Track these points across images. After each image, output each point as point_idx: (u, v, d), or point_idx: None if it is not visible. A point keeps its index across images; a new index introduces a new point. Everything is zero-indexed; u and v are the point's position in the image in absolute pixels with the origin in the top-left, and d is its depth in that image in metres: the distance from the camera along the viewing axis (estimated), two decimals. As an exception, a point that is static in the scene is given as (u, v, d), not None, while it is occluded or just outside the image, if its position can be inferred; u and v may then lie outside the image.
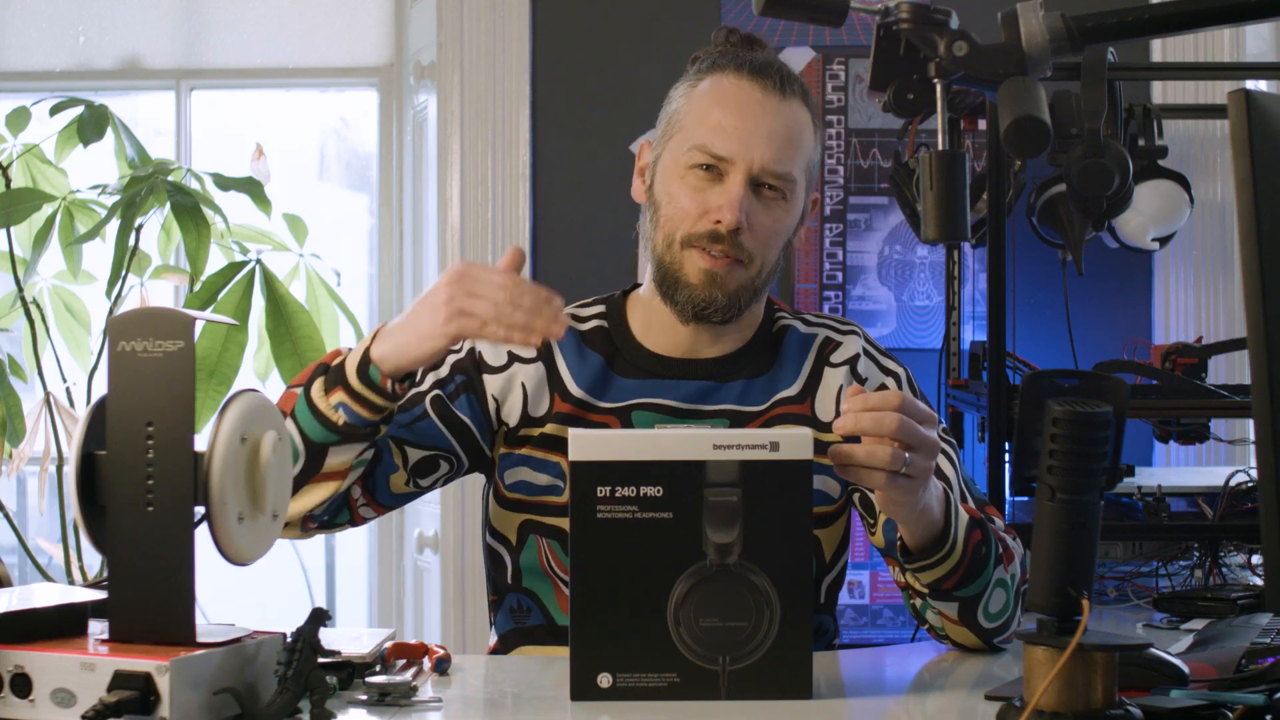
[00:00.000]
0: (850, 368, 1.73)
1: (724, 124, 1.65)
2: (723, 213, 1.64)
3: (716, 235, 1.65)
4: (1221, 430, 2.63)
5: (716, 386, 1.71)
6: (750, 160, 1.64)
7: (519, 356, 1.72)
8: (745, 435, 1.36)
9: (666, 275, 1.69)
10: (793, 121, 1.67)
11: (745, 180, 1.64)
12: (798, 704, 1.36)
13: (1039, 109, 1.32)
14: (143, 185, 2.94)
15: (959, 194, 1.38)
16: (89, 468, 1.24)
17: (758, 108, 1.65)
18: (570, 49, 3.50)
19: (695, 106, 1.69)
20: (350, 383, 1.55)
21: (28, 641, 1.21)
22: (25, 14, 3.83)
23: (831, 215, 3.42)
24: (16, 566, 3.56)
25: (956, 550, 1.52)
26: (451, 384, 1.71)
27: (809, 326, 1.78)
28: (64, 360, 3.22)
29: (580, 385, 1.71)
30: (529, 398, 1.70)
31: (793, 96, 1.68)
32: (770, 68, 1.68)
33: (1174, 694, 1.24)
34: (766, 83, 1.66)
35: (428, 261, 3.68)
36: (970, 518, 1.55)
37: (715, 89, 1.68)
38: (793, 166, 1.66)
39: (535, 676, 1.52)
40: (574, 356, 1.73)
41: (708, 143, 1.65)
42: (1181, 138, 3.33)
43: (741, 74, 1.67)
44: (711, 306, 1.67)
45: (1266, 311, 1.20)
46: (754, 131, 1.64)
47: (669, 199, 1.69)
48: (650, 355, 1.73)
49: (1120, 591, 2.08)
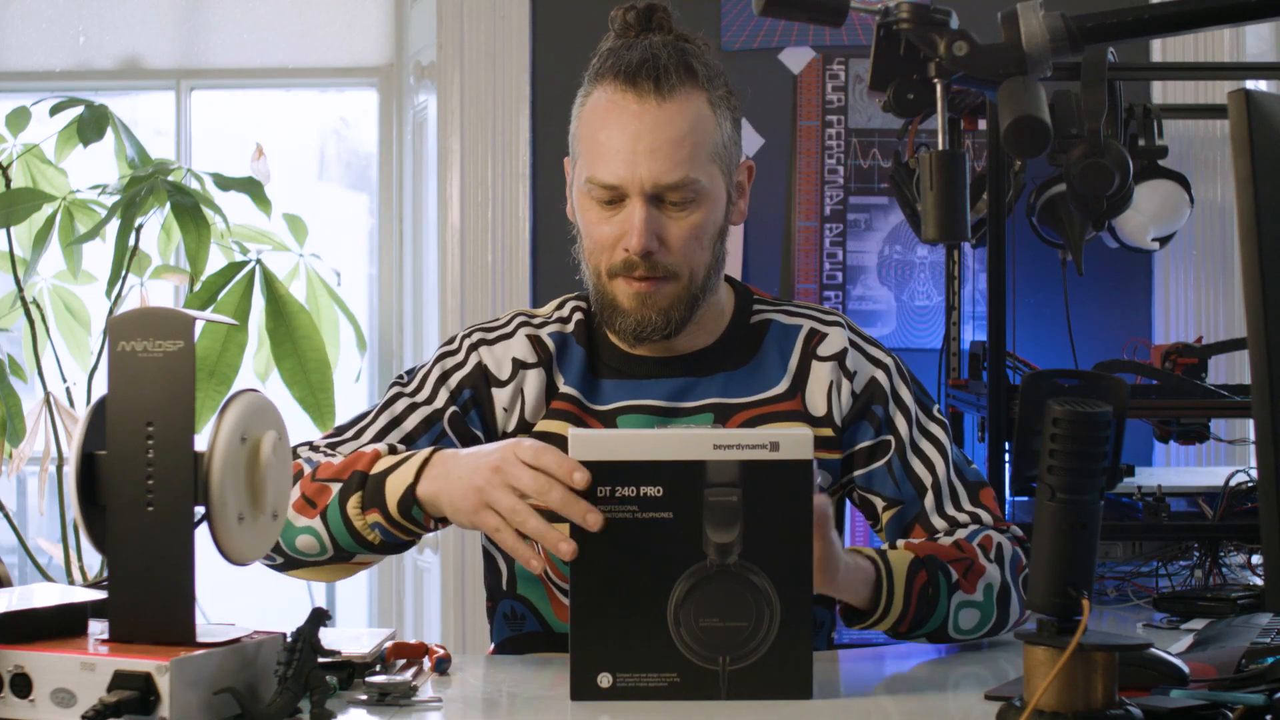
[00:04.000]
0: (838, 362, 1.71)
1: (607, 150, 1.60)
2: (629, 240, 1.61)
3: (631, 263, 1.62)
4: (1221, 430, 2.63)
5: (695, 382, 1.70)
6: (640, 181, 1.59)
7: (524, 363, 1.71)
8: (745, 435, 1.35)
9: (603, 305, 1.67)
10: (678, 122, 1.59)
11: (643, 201, 1.60)
12: (798, 704, 1.36)
13: (1039, 109, 1.32)
14: (143, 185, 2.95)
15: (959, 194, 1.38)
16: (89, 468, 1.24)
17: (635, 121, 1.59)
18: (570, 49, 3.50)
19: (585, 129, 1.64)
20: (390, 511, 1.49)
21: (28, 641, 1.21)
22: (25, 14, 3.83)
23: (831, 215, 3.42)
24: (16, 566, 3.56)
25: (894, 606, 1.53)
26: (463, 397, 1.71)
27: (791, 317, 1.75)
28: (64, 360, 3.22)
29: (569, 383, 1.71)
30: (531, 402, 1.70)
31: (674, 90, 1.59)
32: (645, 67, 1.60)
33: (1174, 694, 1.24)
34: (642, 89, 1.59)
35: (428, 261, 3.68)
36: (913, 559, 1.55)
37: (596, 109, 1.63)
38: (689, 169, 1.60)
39: (535, 676, 1.52)
40: (563, 357, 1.72)
41: (597, 174, 1.61)
42: (1181, 138, 3.33)
43: (618, 84, 1.61)
44: (649, 326, 1.65)
45: (1266, 311, 1.20)
46: (635, 149, 1.58)
47: (585, 230, 1.67)
48: (625, 355, 1.72)
49: (1120, 591, 2.08)
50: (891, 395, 1.71)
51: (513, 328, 1.74)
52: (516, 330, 1.74)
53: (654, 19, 1.67)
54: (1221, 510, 2.15)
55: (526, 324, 1.75)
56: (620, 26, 1.68)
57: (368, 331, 3.78)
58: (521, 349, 1.71)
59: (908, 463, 1.69)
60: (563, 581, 1.66)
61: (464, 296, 3.50)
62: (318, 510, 1.52)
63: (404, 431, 1.68)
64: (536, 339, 1.72)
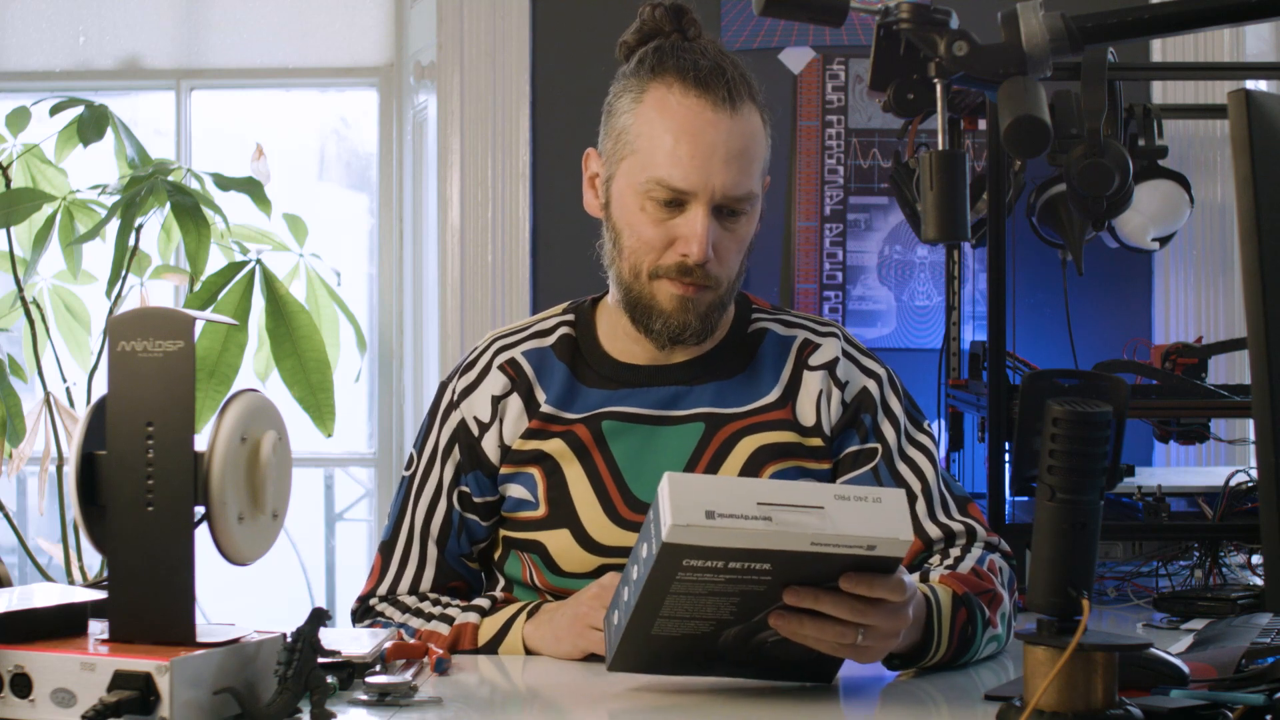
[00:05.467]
0: (828, 371, 1.70)
1: (679, 153, 1.59)
2: (689, 246, 1.60)
3: (684, 268, 1.62)
4: (1221, 430, 2.63)
5: (686, 390, 1.69)
6: (711, 190, 1.59)
7: (500, 396, 1.71)
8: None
9: (638, 305, 1.66)
10: (747, 135, 1.61)
11: (708, 210, 1.60)
12: (798, 703, 1.36)
13: (1039, 109, 1.32)
14: (143, 185, 2.95)
15: (959, 194, 1.38)
16: (89, 468, 1.24)
17: (711, 130, 1.59)
18: (570, 49, 3.50)
19: (645, 128, 1.62)
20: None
21: (28, 641, 1.21)
22: (25, 14, 3.83)
23: (831, 215, 3.42)
24: (16, 566, 3.56)
25: (940, 649, 1.50)
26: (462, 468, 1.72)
27: (787, 328, 1.74)
28: (64, 360, 3.22)
29: (549, 400, 1.70)
30: (510, 425, 1.70)
31: (743, 103, 1.61)
32: (717, 76, 1.60)
33: (1174, 694, 1.24)
34: (716, 97, 1.59)
35: (428, 261, 3.69)
36: (953, 596, 1.51)
37: (663, 108, 1.61)
38: (752, 183, 1.62)
39: (534, 677, 1.52)
40: (543, 374, 1.71)
41: (665, 176, 1.59)
42: (1181, 138, 3.33)
43: (688, 87, 1.60)
44: (687, 330, 1.65)
45: (1266, 311, 1.20)
46: (710, 157, 1.59)
47: (630, 229, 1.64)
48: (616, 364, 1.71)
49: (1120, 591, 2.08)
50: (881, 405, 1.70)
51: (488, 358, 1.74)
52: (491, 361, 1.73)
53: (684, 20, 1.67)
54: (1221, 510, 2.15)
55: (503, 349, 1.74)
56: (649, 21, 1.68)
57: (368, 331, 3.79)
58: (497, 384, 1.71)
59: (895, 470, 1.68)
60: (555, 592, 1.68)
61: (464, 296, 3.50)
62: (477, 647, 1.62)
63: (443, 528, 1.73)
64: (511, 362, 1.72)
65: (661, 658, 1.39)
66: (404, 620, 1.67)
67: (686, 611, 1.33)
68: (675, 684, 1.43)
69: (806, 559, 1.28)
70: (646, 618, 1.33)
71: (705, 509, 1.25)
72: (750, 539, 1.25)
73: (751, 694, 1.41)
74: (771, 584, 1.31)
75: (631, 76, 1.65)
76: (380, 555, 1.77)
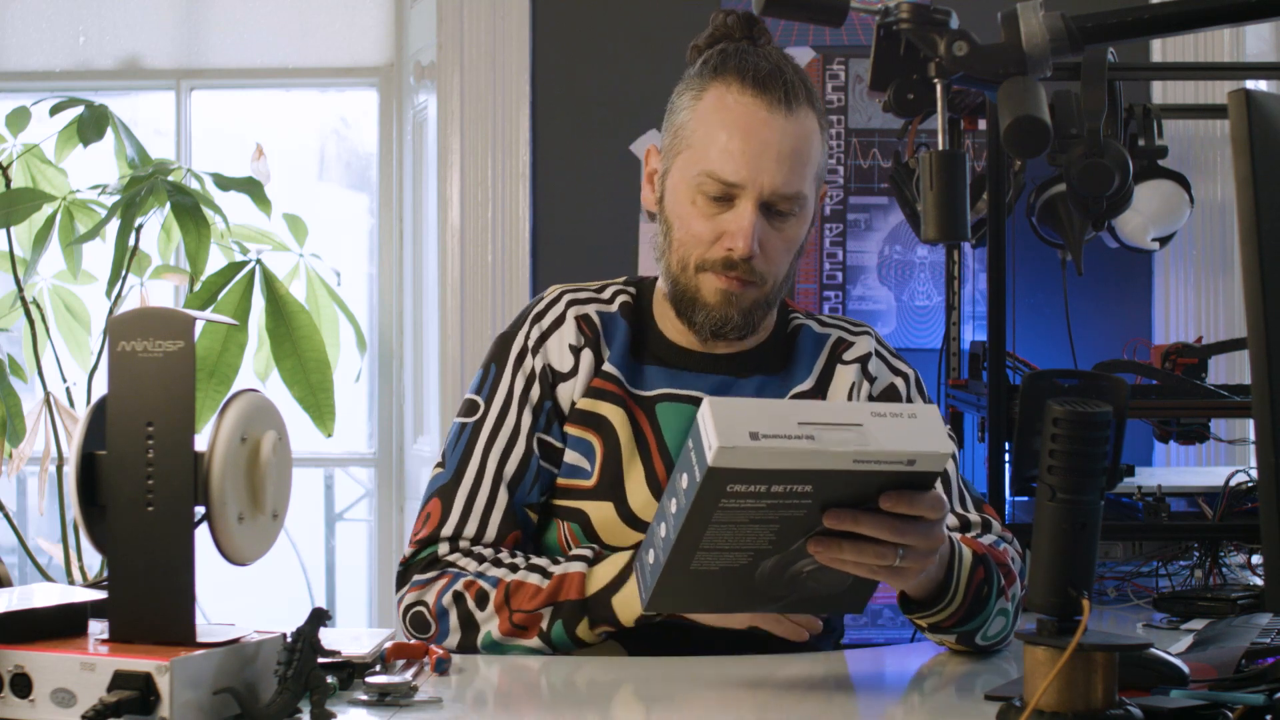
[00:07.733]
0: (861, 365, 1.74)
1: (731, 148, 1.62)
2: (735, 240, 1.63)
3: (730, 262, 1.65)
4: (1221, 430, 2.63)
5: (733, 381, 1.72)
6: (760, 186, 1.62)
7: (577, 347, 1.72)
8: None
9: (683, 296, 1.69)
10: (801, 137, 1.64)
11: (755, 206, 1.62)
12: (798, 704, 1.36)
13: (1039, 109, 1.32)
14: (143, 185, 2.95)
15: (959, 194, 1.38)
16: (89, 468, 1.24)
17: (764, 128, 1.62)
18: (570, 49, 3.50)
19: (701, 124, 1.65)
20: (623, 624, 1.56)
21: (28, 641, 1.21)
22: (25, 14, 3.83)
23: (831, 215, 3.42)
24: (16, 566, 3.56)
25: (958, 598, 1.50)
26: (543, 415, 1.71)
27: (823, 327, 1.79)
28: (64, 360, 3.22)
29: (613, 360, 1.72)
30: (581, 381, 1.71)
31: (799, 106, 1.64)
32: (775, 78, 1.63)
33: (1174, 694, 1.24)
34: (772, 98, 1.62)
35: (428, 261, 3.69)
36: (974, 554, 1.53)
37: (720, 106, 1.64)
38: (803, 184, 1.64)
39: (534, 677, 1.52)
40: (609, 335, 1.74)
41: (716, 169, 1.62)
42: (1181, 138, 3.33)
43: (746, 87, 1.63)
44: (728, 324, 1.67)
45: (1266, 311, 1.20)
46: (762, 154, 1.61)
47: (680, 221, 1.68)
48: (671, 346, 1.74)
49: (1120, 591, 2.08)
50: (906, 402, 1.74)
51: (561, 308, 1.75)
52: (565, 312, 1.75)
53: (755, 29, 1.71)
54: (1221, 510, 2.15)
55: (574, 302, 1.76)
56: (721, 27, 1.71)
57: (368, 331, 3.79)
58: (571, 334, 1.73)
59: None
60: None
61: (464, 296, 3.50)
62: (533, 633, 1.57)
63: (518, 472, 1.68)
64: (584, 318, 1.74)
65: (698, 594, 1.38)
66: (481, 570, 1.62)
67: (727, 543, 1.32)
68: (675, 684, 1.43)
69: (846, 478, 1.28)
70: (686, 552, 1.33)
71: (749, 430, 1.24)
72: (795, 459, 1.25)
73: (753, 694, 1.41)
74: (811, 507, 1.31)
75: (695, 76, 1.69)
76: (439, 499, 1.69)
